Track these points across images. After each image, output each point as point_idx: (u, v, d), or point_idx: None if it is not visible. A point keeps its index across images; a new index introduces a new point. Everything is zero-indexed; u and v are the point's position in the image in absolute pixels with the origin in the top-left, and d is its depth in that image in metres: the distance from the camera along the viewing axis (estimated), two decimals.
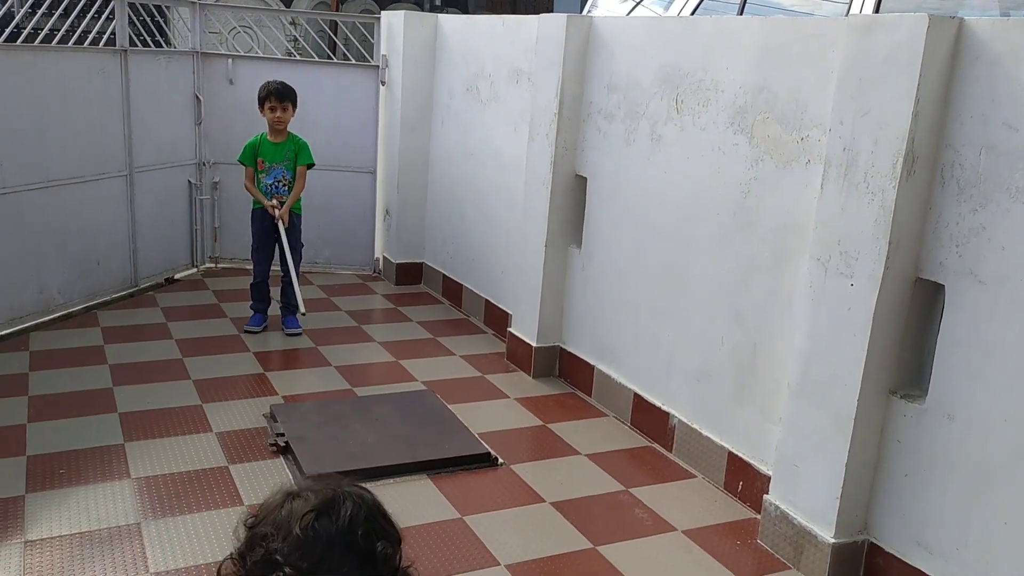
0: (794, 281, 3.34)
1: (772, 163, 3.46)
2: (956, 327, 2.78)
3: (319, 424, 4.08)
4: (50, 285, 5.22)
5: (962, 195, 2.73)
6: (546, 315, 4.88)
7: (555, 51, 4.56)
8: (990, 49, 2.63)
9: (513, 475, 3.83)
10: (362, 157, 6.56)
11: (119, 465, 3.66)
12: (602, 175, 4.50)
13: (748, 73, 3.55)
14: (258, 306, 5.43)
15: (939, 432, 2.83)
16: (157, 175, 5.98)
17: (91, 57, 5.35)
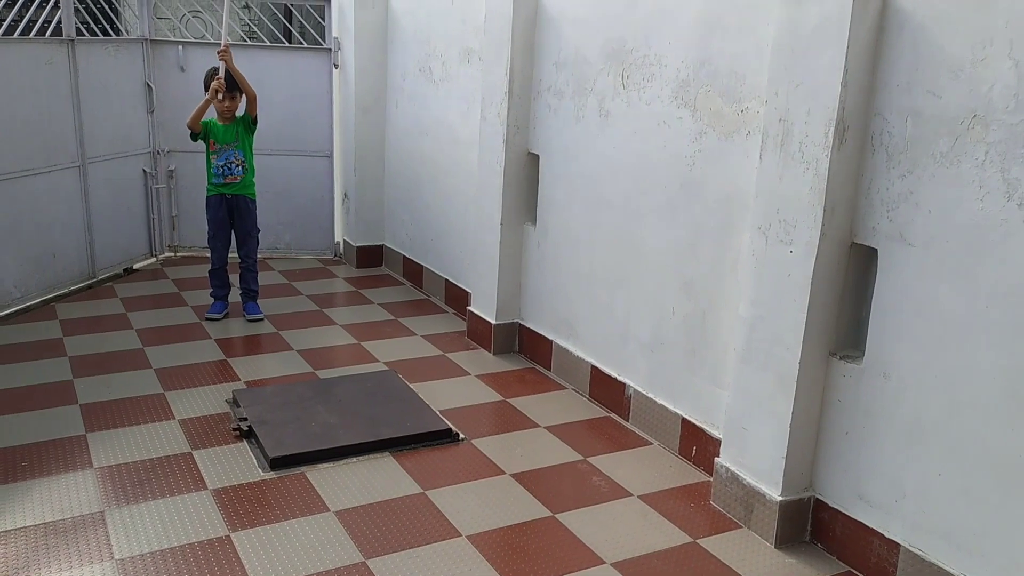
0: (738, 250, 3.44)
1: (715, 135, 3.54)
2: (889, 289, 2.89)
3: (281, 407, 4.12)
4: (5, 280, 5.19)
5: (891, 161, 2.83)
6: (504, 292, 4.95)
7: (504, 28, 4.60)
8: (913, 17, 2.72)
9: (474, 449, 3.90)
10: (318, 141, 6.56)
11: (81, 456, 3.68)
12: (554, 152, 4.56)
13: (689, 47, 3.62)
14: (218, 293, 5.44)
15: (876, 390, 2.95)
16: (111, 165, 5.95)
17: (38, 48, 5.29)
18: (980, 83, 2.54)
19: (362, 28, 6.22)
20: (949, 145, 2.64)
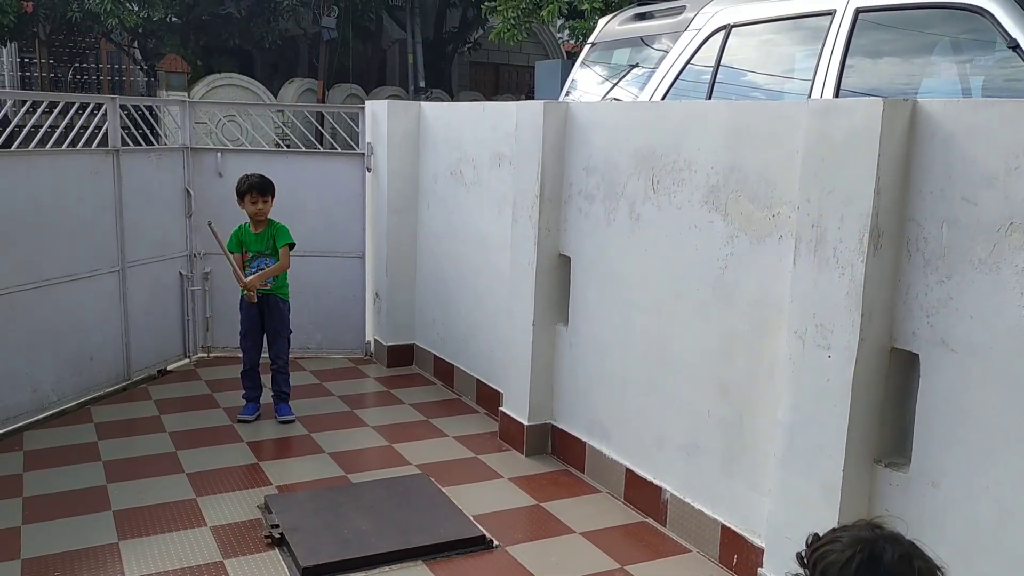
0: (775, 353, 3.42)
1: (746, 239, 3.57)
2: (933, 395, 2.85)
3: (313, 513, 4.09)
4: (43, 383, 5.26)
5: (928, 267, 2.84)
6: (536, 393, 4.93)
7: (534, 136, 4.72)
8: (944, 128, 2.77)
9: (508, 557, 3.83)
10: (351, 242, 6.68)
11: (113, 565, 3.65)
12: (585, 254, 4.61)
13: (719, 153, 3.69)
14: (250, 394, 5.48)
15: (924, 500, 2.88)
16: (149, 268, 6.08)
17: (84, 158, 5.49)
18: (1015, 191, 2.56)
19: (395, 134, 6.41)
20: (987, 251, 2.65)
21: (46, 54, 21.70)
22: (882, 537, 1.55)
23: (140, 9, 17.10)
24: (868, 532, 1.57)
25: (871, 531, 1.57)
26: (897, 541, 1.55)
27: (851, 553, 1.54)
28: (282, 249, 5.33)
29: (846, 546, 1.56)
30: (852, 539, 1.56)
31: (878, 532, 1.56)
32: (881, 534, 1.56)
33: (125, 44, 20.09)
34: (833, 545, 1.57)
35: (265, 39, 18.73)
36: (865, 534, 1.57)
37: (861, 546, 1.54)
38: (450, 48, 23.06)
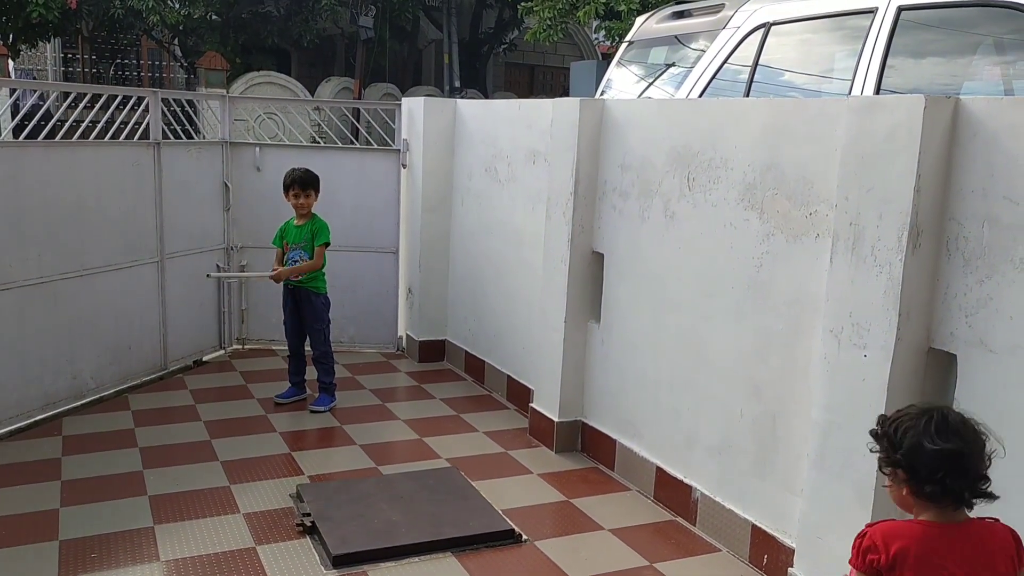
0: (809, 352, 3.40)
1: (783, 237, 3.55)
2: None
3: (345, 503, 4.12)
4: (83, 371, 5.36)
5: (968, 266, 2.80)
6: (567, 390, 4.93)
7: (570, 133, 4.73)
8: (986, 127, 2.74)
9: (537, 552, 3.84)
10: (385, 238, 6.73)
11: (149, 548, 3.72)
12: (619, 251, 4.61)
13: (756, 151, 3.67)
14: (291, 378, 5.66)
15: None
16: (187, 260, 6.17)
17: (126, 150, 5.59)
18: None
19: (430, 130, 6.45)
20: None
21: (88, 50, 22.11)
22: (947, 407, 2.01)
23: (181, 7, 17.37)
24: (933, 405, 2.03)
25: (934, 405, 2.03)
26: (957, 412, 2.01)
27: (926, 417, 1.97)
28: (317, 248, 5.42)
29: (919, 413, 2.00)
30: (921, 409, 2.01)
31: (941, 405, 2.03)
32: (945, 406, 2.03)
33: (166, 41, 20.39)
34: (907, 414, 2.02)
35: (303, 38, 18.92)
36: (931, 405, 2.02)
37: (931, 411, 1.99)
38: (486, 49, 23.12)
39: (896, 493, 2.04)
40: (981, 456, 1.96)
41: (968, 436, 1.96)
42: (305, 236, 5.43)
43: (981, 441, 1.97)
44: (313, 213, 5.48)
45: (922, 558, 1.95)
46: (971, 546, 1.98)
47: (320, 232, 5.44)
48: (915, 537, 1.96)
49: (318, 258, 5.43)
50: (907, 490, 2.00)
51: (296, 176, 5.40)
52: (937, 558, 1.95)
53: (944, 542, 1.96)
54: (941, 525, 1.98)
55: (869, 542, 2.01)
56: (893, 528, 2.01)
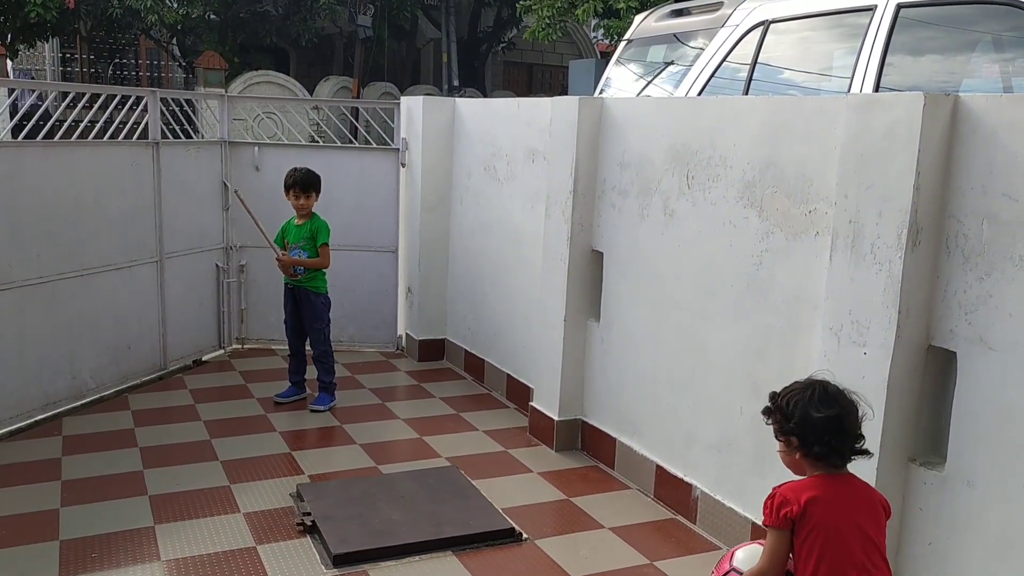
0: (809, 350, 3.40)
1: (782, 235, 3.55)
2: (970, 394, 2.81)
3: (345, 502, 4.12)
4: (82, 371, 5.35)
5: (968, 264, 2.80)
6: (567, 389, 4.93)
7: (569, 132, 4.73)
8: (985, 124, 2.74)
9: (537, 550, 3.84)
10: (384, 237, 6.72)
11: (149, 548, 3.72)
12: (618, 250, 4.61)
13: (755, 149, 3.67)
14: (291, 378, 5.67)
15: (959, 499, 2.84)
16: (186, 260, 6.17)
17: (125, 150, 5.59)
18: None
19: (429, 129, 6.44)
20: None
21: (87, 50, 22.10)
22: (825, 380, 2.37)
23: (179, 6, 17.37)
24: (812, 379, 2.39)
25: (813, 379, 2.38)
26: (833, 383, 2.36)
27: (810, 390, 2.33)
28: (321, 248, 5.43)
29: (804, 387, 2.36)
30: (805, 383, 2.37)
31: (819, 378, 2.38)
32: (823, 379, 2.38)
33: (164, 41, 20.38)
34: (793, 389, 2.37)
35: (301, 37, 18.92)
36: (811, 379, 2.38)
37: (814, 384, 2.34)
38: (484, 48, 23.12)
39: (789, 458, 2.39)
40: (856, 419, 2.32)
41: (845, 403, 2.32)
42: (305, 235, 5.44)
43: (855, 406, 2.33)
44: (313, 212, 5.49)
45: (828, 502, 2.27)
46: (858, 492, 2.34)
47: (320, 232, 5.44)
48: (817, 487, 2.30)
49: (324, 258, 5.45)
50: (800, 454, 2.34)
51: (298, 177, 5.41)
52: (838, 500, 2.29)
53: (838, 489, 2.31)
54: (831, 477, 2.32)
55: (781, 499, 2.30)
56: (797, 484, 2.33)
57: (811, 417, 2.28)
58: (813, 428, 2.28)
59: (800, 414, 2.30)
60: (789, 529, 2.29)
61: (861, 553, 2.26)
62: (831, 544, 2.25)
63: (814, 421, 2.28)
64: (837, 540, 2.25)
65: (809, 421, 2.28)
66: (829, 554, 2.24)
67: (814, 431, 2.29)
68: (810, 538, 2.27)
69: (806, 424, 2.29)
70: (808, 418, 2.28)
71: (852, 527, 2.27)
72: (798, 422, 2.30)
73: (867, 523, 2.30)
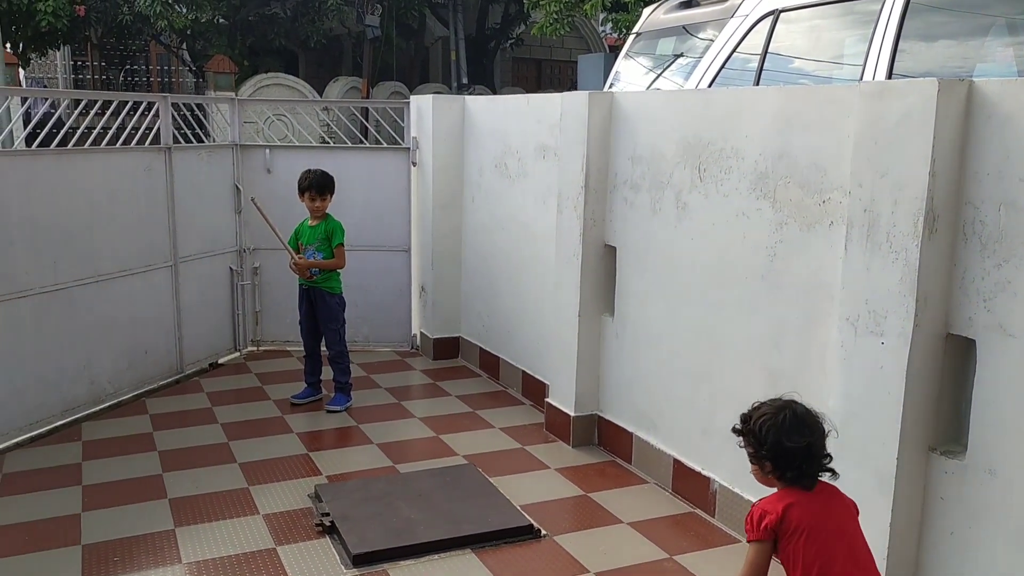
0: (825, 341, 3.37)
1: (796, 226, 3.52)
2: (991, 381, 2.79)
3: (363, 502, 4.13)
4: (100, 376, 5.39)
5: (985, 251, 2.77)
6: (583, 384, 4.92)
7: (579, 127, 4.71)
8: (1000, 108, 2.70)
9: (556, 546, 3.83)
10: (396, 236, 6.73)
11: (170, 551, 3.74)
12: (631, 244, 4.59)
13: (767, 140, 3.64)
14: (307, 379, 5.68)
15: (981, 488, 2.82)
16: (200, 264, 6.19)
17: (137, 156, 5.62)
18: None
19: (440, 128, 6.44)
20: None
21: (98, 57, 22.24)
22: (792, 401, 2.43)
23: (188, 11, 17.43)
24: (781, 401, 2.44)
25: (781, 400, 2.45)
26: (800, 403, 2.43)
27: (781, 415, 2.38)
28: (337, 249, 5.44)
29: (775, 411, 2.40)
30: (776, 407, 2.42)
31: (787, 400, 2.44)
32: (790, 400, 2.44)
33: (174, 46, 20.49)
34: (764, 411, 2.42)
35: (310, 38, 18.96)
36: (780, 402, 2.43)
37: (784, 410, 2.40)
38: (492, 44, 23.10)
39: (761, 476, 2.48)
40: (824, 441, 2.41)
41: (815, 427, 2.40)
42: (319, 236, 5.45)
43: (823, 429, 2.42)
44: (327, 213, 5.50)
45: (805, 505, 2.37)
46: (831, 502, 2.44)
47: (336, 232, 5.46)
48: (793, 495, 2.39)
49: (340, 259, 5.46)
50: (773, 477, 2.43)
51: (313, 179, 5.42)
52: (815, 504, 2.39)
53: (812, 500, 2.40)
54: (804, 492, 2.41)
55: (760, 512, 2.39)
56: (774, 496, 2.43)
57: (784, 446, 2.36)
58: (785, 456, 2.37)
59: (772, 441, 2.37)
60: (771, 540, 2.37)
61: (846, 550, 2.36)
62: (814, 543, 2.33)
63: (787, 449, 2.36)
64: (820, 540, 2.34)
65: (782, 449, 2.37)
66: (814, 552, 2.33)
67: (786, 459, 2.38)
68: (793, 541, 2.35)
69: (778, 452, 2.37)
70: (781, 446, 2.37)
71: (832, 527, 2.38)
72: (770, 449, 2.38)
73: (846, 522, 2.41)
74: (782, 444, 2.36)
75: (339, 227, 5.48)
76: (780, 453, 2.37)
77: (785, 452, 2.36)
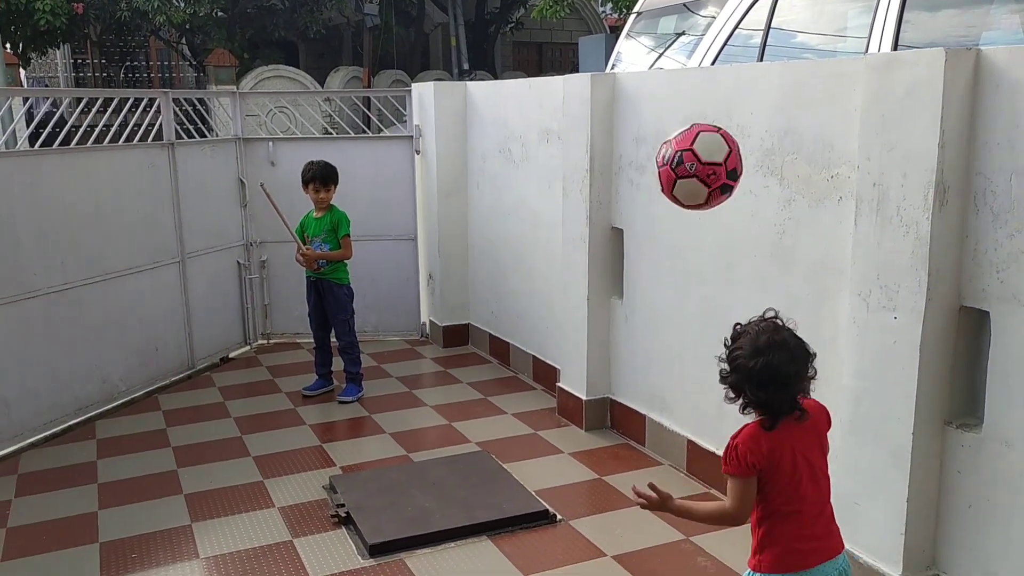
0: (837, 317, 3.35)
1: (804, 202, 3.49)
2: (1005, 353, 2.76)
3: (378, 492, 4.14)
4: (112, 374, 5.40)
5: (997, 221, 2.74)
6: (594, 367, 4.91)
7: (582, 109, 4.68)
8: (1009, 76, 2.67)
9: (572, 531, 3.83)
10: (402, 225, 6.72)
11: (188, 546, 3.75)
12: (638, 226, 4.57)
13: (773, 116, 3.61)
14: (318, 370, 5.69)
15: (998, 460, 2.80)
16: (207, 259, 6.19)
17: (140, 153, 5.61)
18: None
19: (442, 115, 6.41)
20: None
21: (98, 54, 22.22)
22: (775, 323, 2.37)
23: (186, 5, 17.39)
24: (764, 322, 2.38)
25: (766, 321, 2.38)
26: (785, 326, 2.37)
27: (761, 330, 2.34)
28: (343, 240, 5.43)
29: (758, 332, 2.34)
30: (757, 327, 2.36)
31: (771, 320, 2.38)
32: (774, 321, 2.38)
33: (173, 41, 20.45)
34: (746, 332, 2.38)
35: (309, 29, 18.90)
36: (764, 324, 2.37)
37: (765, 328, 2.35)
38: (492, 29, 22.98)
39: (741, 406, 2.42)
40: (798, 372, 2.32)
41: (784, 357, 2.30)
42: (325, 228, 5.44)
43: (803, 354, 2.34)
44: (332, 204, 5.48)
45: (781, 445, 2.35)
46: (805, 424, 2.39)
47: (341, 223, 5.44)
48: (769, 434, 2.35)
49: (347, 249, 5.46)
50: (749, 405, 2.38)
51: (317, 171, 5.40)
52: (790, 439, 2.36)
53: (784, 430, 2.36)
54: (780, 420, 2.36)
55: (745, 449, 2.36)
56: (753, 432, 2.38)
57: (752, 386, 2.32)
58: (756, 392, 2.32)
59: (735, 380, 2.36)
60: (755, 476, 2.37)
61: (810, 482, 2.38)
62: (782, 478, 2.36)
63: (755, 390, 2.32)
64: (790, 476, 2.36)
65: (750, 389, 2.33)
66: (781, 485, 2.36)
67: (757, 395, 2.33)
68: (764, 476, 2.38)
69: (747, 386, 2.33)
70: (748, 384, 2.33)
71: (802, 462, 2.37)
72: (734, 374, 2.36)
73: (814, 455, 2.41)
74: (750, 381, 2.31)
75: (344, 218, 5.47)
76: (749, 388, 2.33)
77: (754, 389, 2.32)
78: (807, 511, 2.37)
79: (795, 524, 2.36)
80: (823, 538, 2.39)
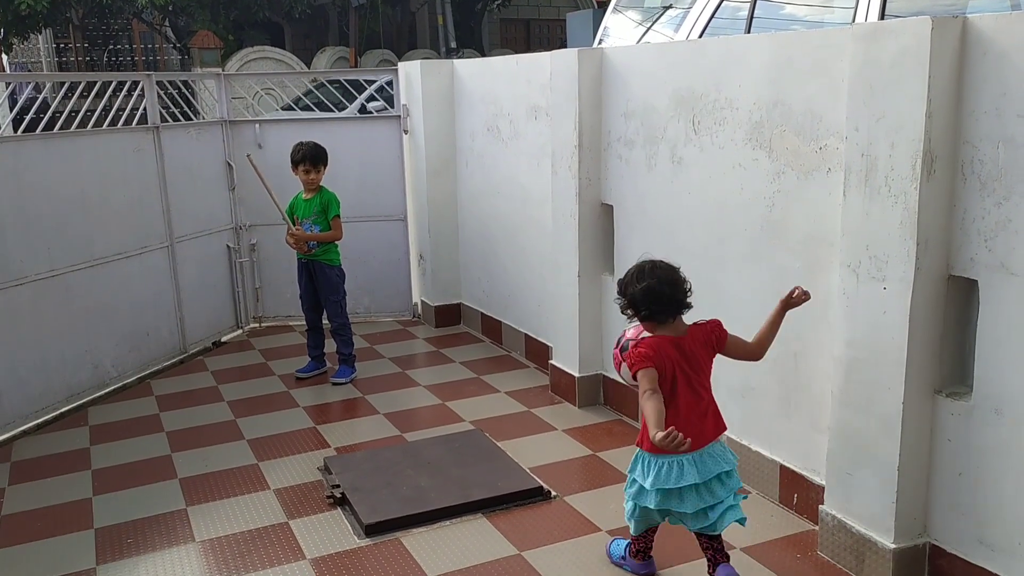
0: (828, 289, 3.36)
1: (793, 175, 3.49)
2: (994, 321, 2.77)
3: (373, 472, 4.15)
4: (103, 360, 5.39)
5: (985, 190, 2.74)
6: (586, 344, 4.92)
7: (570, 85, 4.65)
8: (996, 44, 2.66)
9: (567, 507, 3.85)
10: (392, 205, 6.69)
11: (184, 530, 3.76)
12: (627, 201, 4.56)
13: (761, 89, 3.59)
14: (310, 352, 5.68)
15: (988, 428, 2.82)
16: (197, 243, 6.16)
17: (125, 137, 5.56)
18: None
19: (429, 94, 6.37)
20: None
21: (80, 38, 21.99)
22: (652, 261, 3.03)
23: None
24: (644, 262, 3.02)
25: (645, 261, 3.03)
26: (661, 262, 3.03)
27: (640, 266, 2.99)
28: (333, 221, 5.40)
29: (636, 267, 3.00)
30: (638, 264, 3.02)
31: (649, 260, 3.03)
32: (651, 260, 3.03)
33: (157, 23, 20.23)
34: (629, 271, 3.02)
35: (294, 9, 18.73)
36: (643, 262, 3.02)
37: (642, 263, 3.01)
38: (479, 7, 22.82)
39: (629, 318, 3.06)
40: (674, 290, 2.97)
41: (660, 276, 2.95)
42: (315, 209, 5.41)
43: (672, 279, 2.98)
44: (321, 186, 5.46)
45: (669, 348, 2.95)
46: (689, 342, 3.00)
47: (331, 204, 5.42)
48: (661, 343, 2.96)
49: (337, 230, 5.43)
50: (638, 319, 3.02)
51: (306, 152, 5.37)
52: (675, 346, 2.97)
53: (672, 343, 2.98)
54: (670, 338, 2.98)
55: (645, 350, 2.92)
56: (653, 341, 2.98)
57: (637, 300, 2.95)
58: (640, 305, 2.95)
59: (631, 296, 2.97)
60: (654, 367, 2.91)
61: (685, 387, 2.96)
62: (662, 379, 2.92)
63: (641, 303, 2.95)
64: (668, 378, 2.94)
65: (637, 302, 2.96)
66: (661, 383, 2.91)
67: (642, 306, 2.95)
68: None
69: (632, 297, 2.97)
70: (635, 299, 2.96)
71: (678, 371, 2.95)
72: (627, 296, 2.99)
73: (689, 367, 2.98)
74: (635, 298, 2.95)
75: (334, 199, 5.44)
76: (633, 298, 2.96)
77: (639, 303, 2.95)
78: (682, 408, 2.94)
79: (672, 417, 2.87)
80: (696, 436, 2.87)
